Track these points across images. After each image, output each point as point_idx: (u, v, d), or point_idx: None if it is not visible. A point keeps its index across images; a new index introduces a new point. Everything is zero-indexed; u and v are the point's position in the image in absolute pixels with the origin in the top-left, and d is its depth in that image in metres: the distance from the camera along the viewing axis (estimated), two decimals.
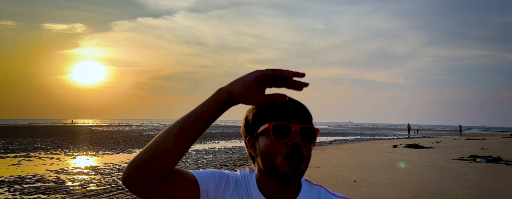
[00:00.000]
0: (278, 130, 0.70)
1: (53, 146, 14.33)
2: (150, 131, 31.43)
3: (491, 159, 8.60)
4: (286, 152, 0.69)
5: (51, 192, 5.57)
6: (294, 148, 0.70)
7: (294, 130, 0.70)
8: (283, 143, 0.70)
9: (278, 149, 0.70)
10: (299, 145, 0.70)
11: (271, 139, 0.70)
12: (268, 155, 0.71)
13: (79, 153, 11.80)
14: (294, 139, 0.69)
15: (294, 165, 0.69)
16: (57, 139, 18.40)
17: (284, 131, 0.70)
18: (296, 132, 0.70)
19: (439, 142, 17.44)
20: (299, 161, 0.70)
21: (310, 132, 0.72)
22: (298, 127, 0.70)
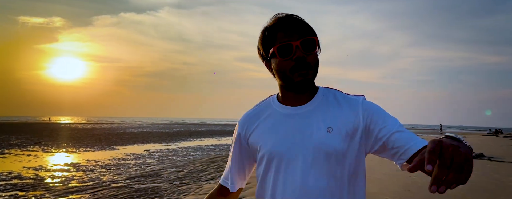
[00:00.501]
0: (282, 51, 0.82)
1: (30, 143, 13.64)
2: (133, 128, 30.65)
3: (474, 155, 8.86)
4: (293, 66, 0.82)
5: (30, 188, 5.23)
6: (298, 60, 0.82)
7: (295, 45, 0.81)
8: (289, 60, 0.82)
9: (286, 65, 0.83)
10: (303, 57, 0.81)
11: (278, 59, 0.83)
12: (280, 72, 0.85)
13: (58, 150, 11.26)
14: (296, 53, 0.81)
15: (302, 73, 0.82)
16: (34, 136, 17.56)
17: (287, 50, 0.82)
18: (297, 47, 0.81)
19: None
20: (305, 69, 0.82)
21: (310, 42, 0.83)
22: (298, 42, 0.81)
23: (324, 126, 0.83)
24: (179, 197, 4.73)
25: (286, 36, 0.82)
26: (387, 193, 4.60)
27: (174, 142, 15.80)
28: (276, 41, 0.84)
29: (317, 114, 0.86)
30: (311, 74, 0.83)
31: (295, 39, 0.82)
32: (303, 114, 0.87)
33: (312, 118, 0.85)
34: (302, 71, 0.82)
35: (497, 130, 29.32)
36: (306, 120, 0.85)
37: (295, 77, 0.82)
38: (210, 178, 6.30)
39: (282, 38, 0.83)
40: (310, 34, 0.84)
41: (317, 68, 0.85)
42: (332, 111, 0.86)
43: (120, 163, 8.26)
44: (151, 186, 5.46)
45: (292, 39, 0.82)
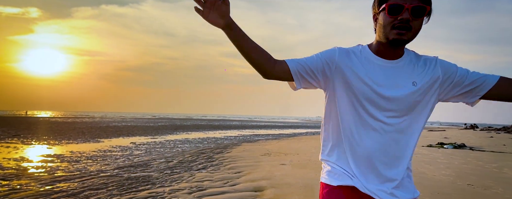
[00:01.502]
0: (392, 8, 0.93)
1: (7, 135, 13.03)
2: (117, 122, 29.91)
3: (457, 145, 9.22)
4: (395, 24, 0.93)
5: (13, 178, 4.99)
6: (402, 21, 0.92)
7: (406, 8, 0.92)
8: (394, 18, 0.93)
9: (390, 22, 0.94)
10: (407, 19, 0.92)
11: (386, 15, 0.95)
12: (383, 27, 0.96)
13: (39, 142, 10.82)
14: (403, 14, 0.92)
15: (400, 32, 0.93)
16: (11, 129, 16.80)
17: (397, 9, 0.93)
18: (407, 10, 0.92)
19: None
20: (405, 30, 0.93)
21: (421, 9, 0.93)
22: (410, 6, 0.92)
23: (410, 80, 0.98)
24: (172, 184, 4.64)
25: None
26: None
27: (160, 135, 15.53)
28: (389, 1, 0.94)
29: (405, 70, 1.00)
30: (408, 36, 0.94)
31: (409, 3, 0.92)
32: (394, 68, 1.00)
33: (401, 72, 1.00)
34: (402, 31, 0.93)
35: (472, 125, 30.69)
36: (396, 73, 1.00)
37: (393, 34, 0.93)
38: (201, 167, 6.24)
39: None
40: (425, 3, 0.94)
41: (416, 34, 0.96)
42: (417, 68, 1.01)
43: (107, 155, 8.04)
44: (142, 175, 5.34)
45: (406, 2, 0.92)
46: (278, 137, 15.88)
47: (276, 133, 20.07)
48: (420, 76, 0.99)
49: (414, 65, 1.01)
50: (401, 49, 1.01)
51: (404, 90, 0.97)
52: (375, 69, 1.00)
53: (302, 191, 3.86)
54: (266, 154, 7.80)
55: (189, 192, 4.16)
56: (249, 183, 4.52)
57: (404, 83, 0.98)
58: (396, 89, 0.98)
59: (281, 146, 10.02)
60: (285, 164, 6.14)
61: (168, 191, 4.20)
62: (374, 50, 1.03)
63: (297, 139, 13.63)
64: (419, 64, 1.01)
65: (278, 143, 11.65)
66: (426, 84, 0.99)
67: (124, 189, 4.31)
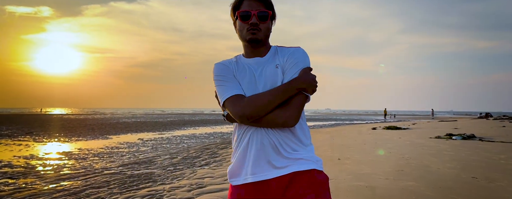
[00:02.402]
0: (243, 15, 1.19)
1: (21, 133, 13.42)
2: (126, 118, 30.39)
3: (466, 136, 9.00)
4: (248, 28, 1.19)
5: (20, 176, 5.14)
6: (253, 25, 1.18)
7: (253, 14, 1.18)
8: (247, 23, 1.19)
9: (243, 26, 1.20)
10: (256, 23, 1.18)
11: (240, 21, 1.20)
12: (240, 31, 1.21)
13: (50, 139, 11.10)
14: (252, 19, 1.18)
15: (253, 33, 1.18)
16: (25, 127, 17.28)
17: (247, 16, 1.18)
18: (254, 15, 1.18)
19: (415, 124, 18.20)
20: (256, 30, 1.18)
21: (264, 13, 1.19)
22: (256, 11, 1.18)
23: (274, 65, 1.21)
24: (172, 181, 4.69)
25: (249, 6, 1.18)
26: (381, 174, 4.63)
27: (168, 131, 15.71)
28: (241, 8, 1.20)
29: (269, 61, 1.24)
30: (260, 35, 1.19)
31: (255, 9, 1.18)
32: (260, 62, 1.24)
33: (266, 63, 1.23)
34: (254, 31, 1.18)
35: (487, 114, 29.88)
36: (262, 64, 1.23)
37: (248, 35, 1.18)
38: (204, 164, 6.28)
39: (246, 6, 1.19)
40: (267, 8, 1.20)
41: (268, 33, 1.22)
42: (277, 59, 1.23)
43: (113, 151, 8.18)
44: (144, 172, 5.41)
45: (252, 9, 1.18)
46: None
47: None
48: (280, 62, 1.23)
49: (276, 56, 1.24)
50: (265, 48, 1.25)
51: (270, 71, 1.22)
52: (245, 68, 1.24)
53: None
54: None
55: (188, 189, 4.19)
56: None
57: (269, 69, 1.22)
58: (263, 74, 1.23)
59: None
60: None
61: (168, 188, 4.24)
62: (244, 54, 1.28)
63: None
64: (280, 55, 1.24)
65: None
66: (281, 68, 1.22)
67: (125, 187, 4.37)
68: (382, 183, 4.06)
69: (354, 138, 10.47)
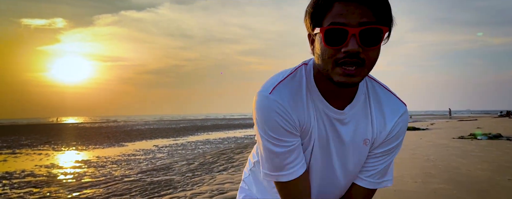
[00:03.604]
0: (331, 36, 0.62)
1: (40, 142, 13.72)
2: (140, 125, 30.79)
3: (492, 136, 8.65)
4: (339, 59, 0.63)
5: (44, 185, 5.20)
6: (349, 55, 0.62)
7: (352, 34, 0.61)
8: (336, 50, 0.63)
9: (331, 55, 0.64)
10: (357, 52, 0.62)
11: (323, 45, 0.64)
12: (321, 59, 0.66)
13: (68, 148, 11.29)
14: (349, 45, 0.61)
15: (348, 73, 0.63)
16: (43, 136, 17.69)
17: (339, 36, 0.62)
18: (354, 36, 0.61)
19: (434, 124, 17.69)
20: (355, 67, 0.63)
21: (374, 33, 0.61)
22: (357, 30, 0.61)
23: (361, 138, 0.78)
24: (193, 188, 4.64)
25: (344, 14, 0.61)
26: (407, 176, 4.45)
27: (182, 137, 15.78)
28: (327, 17, 0.63)
29: (356, 121, 0.77)
30: (360, 75, 0.65)
31: (355, 24, 0.61)
32: (344, 121, 0.76)
33: (351, 127, 0.77)
34: (350, 71, 0.63)
35: (508, 112, 28.82)
36: (346, 129, 0.77)
37: (337, 75, 0.64)
38: (222, 169, 6.21)
39: (337, 15, 0.61)
40: (380, 20, 0.62)
41: (373, 67, 0.66)
42: (368, 120, 0.78)
43: (131, 159, 8.22)
44: (164, 179, 5.38)
45: (350, 21, 0.61)
46: None
47: None
48: (372, 130, 0.80)
49: (369, 111, 0.79)
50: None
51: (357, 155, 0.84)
52: (328, 131, 0.79)
53: None
54: None
55: (210, 195, 4.12)
56: None
57: (354, 146, 0.82)
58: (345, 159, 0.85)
59: None
60: None
61: (190, 195, 4.19)
62: (319, 84, 0.75)
63: None
64: (377, 112, 0.79)
65: None
66: (373, 139, 0.82)
67: (146, 194, 4.35)
68: (410, 187, 3.89)
69: None
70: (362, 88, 0.77)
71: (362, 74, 0.64)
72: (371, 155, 0.80)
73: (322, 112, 0.74)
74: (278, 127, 0.71)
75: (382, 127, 0.77)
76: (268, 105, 0.71)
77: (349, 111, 0.75)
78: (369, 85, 0.79)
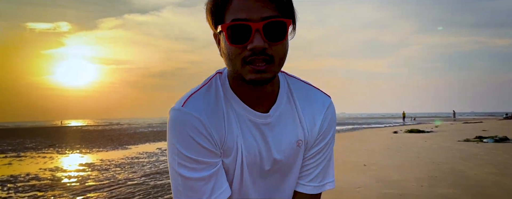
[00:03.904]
0: (234, 33, 0.59)
1: (44, 145, 13.78)
2: (143, 128, 30.87)
3: (498, 139, 8.55)
4: (247, 57, 0.59)
5: (48, 189, 5.21)
6: (256, 51, 0.58)
7: (255, 29, 0.57)
8: (242, 48, 0.59)
9: (237, 53, 0.60)
10: (264, 47, 0.58)
11: (227, 43, 0.60)
12: (229, 59, 0.62)
13: (72, 151, 11.33)
14: (254, 41, 0.58)
15: (258, 70, 0.59)
16: (47, 139, 17.78)
17: (242, 33, 0.58)
18: (258, 31, 0.58)
19: (438, 127, 17.55)
20: (265, 64, 0.59)
21: (278, 27, 0.59)
22: (260, 24, 0.57)
23: (294, 140, 0.72)
24: None
25: (244, 9, 0.57)
26: (412, 180, 4.40)
27: None
28: (228, 12, 0.59)
29: (284, 122, 0.71)
30: (271, 71, 0.60)
31: (257, 18, 0.57)
32: (270, 125, 0.70)
33: (280, 129, 0.71)
34: (260, 67, 0.59)
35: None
36: (275, 132, 0.70)
37: (248, 73, 0.60)
38: None
39: (238, 11, 0.58)
40: (282, 13, 0.60)
41: (284, 61, 0.63)
42: (295, 118, 0.73)
43: (134, 162, 8.23)
44: (167, 182, 5.37)
45: (252, 16, 0.57)
46: None
47: None
48: (303, 129, 0.74)
49: (296, 110, 0.74)
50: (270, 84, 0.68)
51: (288, 156, 0.75)
52: (253, 135, 0.70)
53: (331, 194, 3.68)
54: None
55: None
56: None
57: (287, 146, 0.73)
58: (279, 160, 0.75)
59: None
60: None
61: None
62: (236, 90, 0.69)
63: None
64: (304, 107, 0.74)
65: None
66: (305, 140, 0.76)
67: (150, 198, 4.34)
68: (416, 191, 3.84)
69: (376, 142, 10.15)
70: (284, 87, 0.73)
71: (273, 70, 0.61)
72: (307, 157, 0.75)
73: (246, 120, 0.68)
74: (194, 144, 0.63)
75: (312, 125, 0.73)
76: (181, 119, 0.64)
77: (275, 112, 0.70)
78: (290, 83, 0.75)
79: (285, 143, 0.71)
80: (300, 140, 0.72)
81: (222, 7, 0.60)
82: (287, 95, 0.73)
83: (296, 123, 0.72)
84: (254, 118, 0.68)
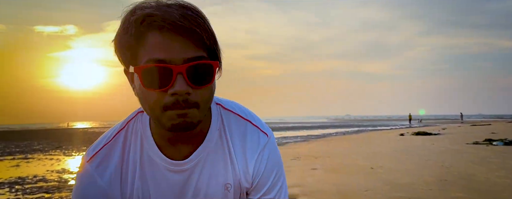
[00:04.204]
0: (152, 76, 0.50)
1: (51, 147, 13.92)
2: None
3: (508, 141, 8.41)
4: (168, 102, 0.51)
5: (55, 190, 5.24)
6: (178, 97, 0.50)
7: (177, 72, 0.49)
8: (162, 92, 0.51)
9: (155, 98, 0.51)
10: (187, 92, 0.50)
11: (142, 86, 0.51)
12: (146, 104, 0.53)
13: (79, 153, 11.43)
14: (176, 86, 0.49)
15: (181, 114, 0.51)
16: (54, 141, 17.96)
17: (162, 76, 0.50)
18: (180, 75, 0.49)
19: (446, 129, 17.34)
20: (188, 109, 0.51)
21: (203, 69, 0.51)
22: (183, 67, 0.49)
23: (222, 184, 0.63)
24: None
25: (163, 48, 0.49)
26: (421, 184, 4.33)
27: None
28: (141, 50, 0.50)
29: (212, 165, 0.63)
30: (196, 117, 0.53)
31: (178, 60, 0.49)
32: (189, 171, 0.62)
33: (205, 173, 0.63)
34: (183, 112, 0.51)
35: None
36: (196, 178, 0.62)
37: (169, 119, 0.52)
38: None
39: (155, 49, 0.49)
40: (207, 52, 0.52)
41: (210, 105, 0.56)
42: (230, 158, 0.64)
43: None
44: None
45: (172, 57, 0.49)
46: (307, 138, 15.53)
47: (305, 134, 19.67)
48: (234, 173, 0.65)
49: (228, 151, 0.65)
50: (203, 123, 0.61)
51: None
52: (165, 186, 0.63)
53: (338, 197, 3.63)
54: (296, 158, 7.58)
55: None
56: None
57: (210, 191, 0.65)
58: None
59: (310, 149, 9.73)
60: (316, 168, 5.89)
61: None
62: (155, 135, 0.62)
63: (326, 141, 13.22)
64: (237, 150, 0.65)
65: (307, 145, 11.35)
66: (237, 186, 0.67)
67: None
68: (426, 195, 3.78)
69: (383, 145, 10.05)
70: (216, 123, 0.64)
71: (198, 116, 0.53)
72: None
73: (162, 169, 0.61)
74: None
75: (245, 168, 0.64)
76: (83, 178, 0.60)
77: (198, 155, 0.62)
78: (224, 118, 0.65)
79: (211, 187, 0.63)
80: (228, 184, 0.63)
81: (135, 44, 0.51)
82: (219, 132, 0.64)
83: (226, 165, 0.64)
84: (170, 167, 0.61)
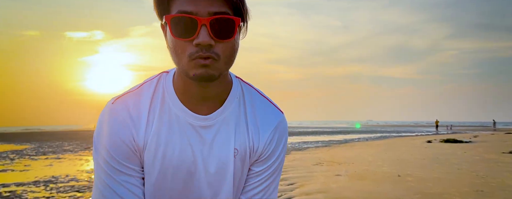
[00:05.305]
0: (179, 26, 0.56)
1: (80, 148, 14.55)
2: None
3: None
4: (193, 52, 0.56)
5: (86, 190, 5.47)
6: (202, 48, 0.55)
7: (201, 24, 0.55)
8: (188, 41, 0.56)
9: (182, 47, 0.57)
10: (210, 44, 0.55)
11: (172, 36, 0.57)
12: (174, 53, 0.59)
13: None
14: (200, 36, 0.55)
15: (204, 64, 0.56)
16: (84, 142, 18.78)
17: (188, 26, 0.55)
18: (204, 27, 0.55)
19: (477, 137, 16.43)
20: (210, 60, 0.56)
21: (226, 24, 0.56)
22: (207, 20, 0.55)
23: (231, 147, 0.66)
24: None
25: (192, 2, 0.55)
26: (455, 194, 4.12)
27: None
28: (175, 3, 0.57)
29: (227, 127, 0.66)
30: (217, 68, 0.57)
31: (204, 13, 0.55)
32: (210, 128, 0.65)
33: (221, 134, 0.66)
34: (205, 62, 0.56)
35: None
36: (214, 136, 0.65)
37: (192, 68, 0.56)
38: None
39: (184, 2, 0.55)
40: (232, 9, 0.57)
41: (232, 60, 0.60)
42: (247, 125, 0.68)
43: None
44: None
45: (199, 10, 0.55)
46: (328, 144, 15.25)
47: (326, 139, 19.33)
48: (244, 140, 0.69)
49: (243, 118, 0.69)
50: (220, 83, 0.65)
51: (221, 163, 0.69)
52: (184, 138, 0.65)
53: None
54: (318, 163, 7.46)
55: None
56: (304, 197, 4.29)
57: (221, 154, 0.68)
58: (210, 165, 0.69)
59: (333, 154, 9.54)
60: (340, 174, 5.76)
61: None
62: (179, 91, 0.65)
63: (349, 146, 12.91)
64: (251, 118, 0.69)
65: (329, 150, 11.14)
66: (245, 153, 0.69)
67: None
68: None
69: (409, 152, 9.67)
70: (236, 91, 0.68)
71: (219, 67, 0.57)
72: (249, 175, 0.69)
73: (183, 122, 0.64)
74: (120, 143, 0.62)
75: (257, 138, 0.67)
76: (110, 115, 0.64)
77: (219, 115, 0.65)
78: (244, 89, 0.70)
79: (223, 149, 0.65)
80: (236, 149, 0.66)
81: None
82: (238, 99, 0.68)
83: (241, 131, 0.67)
84: (191, 120, 0.64)
